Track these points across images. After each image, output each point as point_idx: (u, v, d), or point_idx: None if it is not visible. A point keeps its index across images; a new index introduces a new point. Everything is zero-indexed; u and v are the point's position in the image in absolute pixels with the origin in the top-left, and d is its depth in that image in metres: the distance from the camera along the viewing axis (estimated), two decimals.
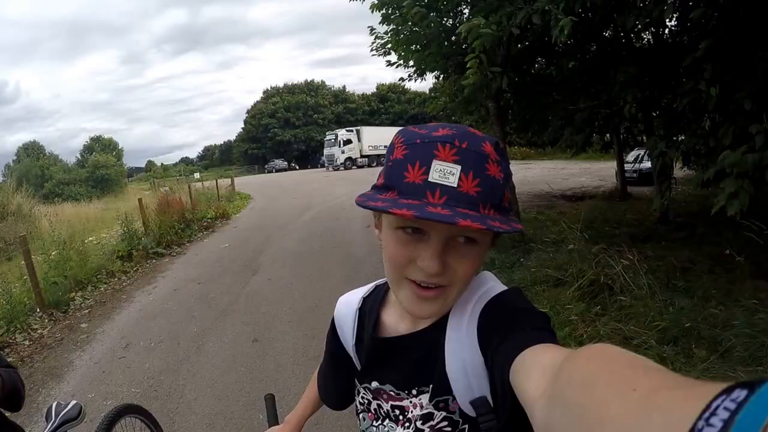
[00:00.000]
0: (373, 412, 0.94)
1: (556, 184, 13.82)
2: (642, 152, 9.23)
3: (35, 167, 38.79)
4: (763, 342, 3.24)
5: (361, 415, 0.97)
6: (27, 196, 18.36)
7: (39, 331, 6.03)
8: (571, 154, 9.47)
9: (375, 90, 63.83)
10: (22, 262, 7.06)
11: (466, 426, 0.82)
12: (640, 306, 4.00)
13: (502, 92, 6.63)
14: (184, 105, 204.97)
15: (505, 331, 0.72)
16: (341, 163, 39.35)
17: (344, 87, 66.17)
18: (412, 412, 0.87)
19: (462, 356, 0.80)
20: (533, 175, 17.75)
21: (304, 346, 4.72)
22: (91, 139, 54.25)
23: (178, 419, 3.69)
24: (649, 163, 10.32)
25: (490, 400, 0.78)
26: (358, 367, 0.97)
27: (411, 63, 8.05)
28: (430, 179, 0.69)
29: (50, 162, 46.14)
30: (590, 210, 8.56)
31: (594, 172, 18.89)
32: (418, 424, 0.85)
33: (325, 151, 42.16)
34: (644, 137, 9.20)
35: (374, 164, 39.59)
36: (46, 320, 6.43)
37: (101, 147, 50.93)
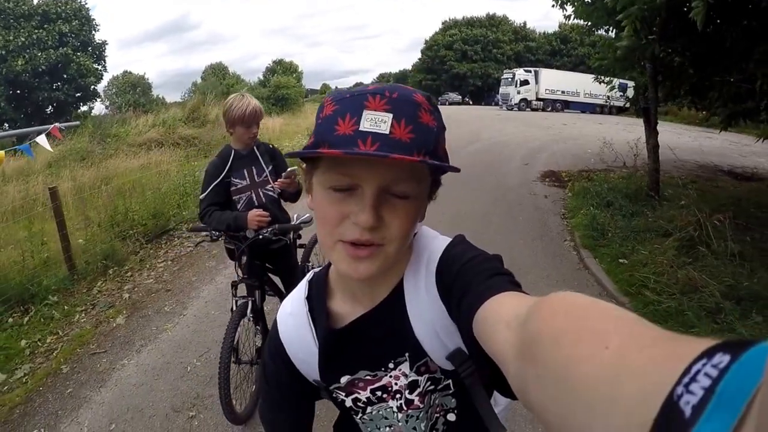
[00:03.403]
0: (352, 404, 0.93)
1: (729, 159, 13.16)
2: None
3: (221, 86, 43.20)
4: None
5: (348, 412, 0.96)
6: (220, 109, 21.61)
7: None
8: (720, 128, 8.99)
9: (557, 29, 60.53)
10: None
11: (450, 381, 0.86)
12: (720, 264, 4.57)
13: (656, 57, 6.73)
14: (361, 32, 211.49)
15: (464, 282, 0.73)
16: (515, 104, 38.62)
17: (525, 23, 63.66)
18: (396, 384, 0.88)
19: (428, 317, 0.81)
20: (710, 145, 16.67)
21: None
22: (274, 61, 58.02)
23: None
24: None
25: (465, 350, 0.80)
26: (316, 376, 0.92)
27: (587, 16, 7.94)
28: (361, 128, 0.69)
29: (233, 81, 50.66)
30: (750, 191, 8.52)
31: None
32: (407, 394, 0.87)
33: (501, 90, 41.54)
34: None
35: (549, 108, 38.50)
36: None
37: (282, 69, 54.20)
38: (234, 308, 3.09)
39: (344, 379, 0.90)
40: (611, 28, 7.74)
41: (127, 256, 6.10)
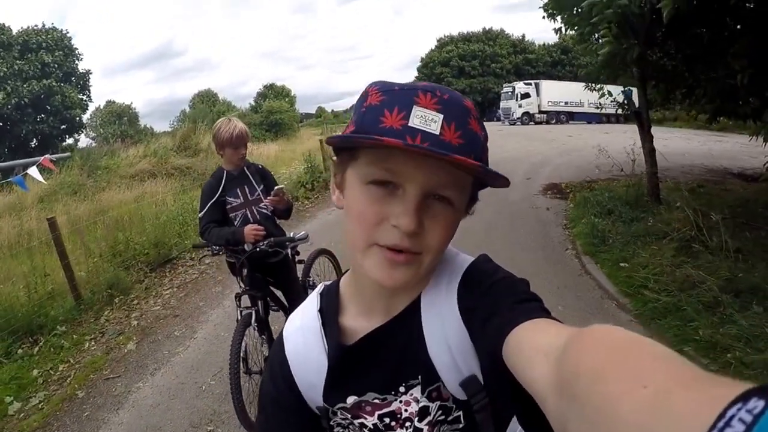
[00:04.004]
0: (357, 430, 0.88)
1: (739, 162, 13.46)
2: None
3: (211, 113, 43.73)
4: None
5: None
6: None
7: None
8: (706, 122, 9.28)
9: (558, 40, 61.26)
10: None
11: (460, 412, 0.83)
12: (717, 260, 4.93)
13: (640, 60, 7.11)
14: (354, 52, 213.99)
15: (492, 302, 0.74)
16: (518, 118, 39.12)
17: (524, 36, 64.38)
18: (406, 411, 0.85)
19: (445, 336, 0.80)
20: (721, 149, 17.04)
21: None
22: (265, 86, 58.71)
23: None
24: None
25: (480, 378, 0.79)
26: (320, 400, 0.88)
27: (574, 26, 8.37)
28: (410, 124, 0.68)
29: (224, 108, 50.30)
30: (758, 191, 8.80)
31: None
32: (416, 422, 0.84)
33: (501, 104, 41.97)
34: None
35: (553, 121, 38.91)
36: None
37: (274, 94, 54.99)
38: (239, 318, 3.47)
39: (351, 400, 0.86)
40: (598, 37, 8.20)
41: (131, 285, 6.49)
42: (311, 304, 0.93)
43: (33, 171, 6.84)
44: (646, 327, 4.42)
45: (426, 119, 0.68)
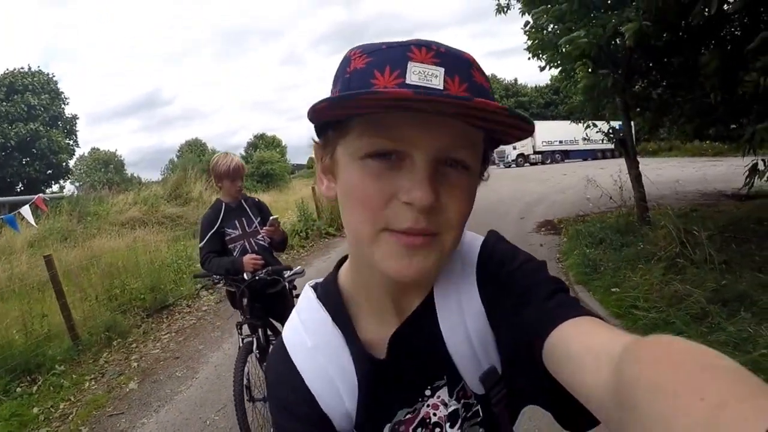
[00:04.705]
0: None
1: (733, 183, 13.78)
2: None
3: (199, 162, 44.37)
4: None
5: None
6: (205, 186, 21.11)
7: None
8: (686, 142, 9.73)
9: (549, 81, 62.98)
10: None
11: (479, 406, 0.80)
12: (702, 273, 5.29)
13: (619, 90, 7.60)
14: None
15: (518, 293, 0.71)
16: (513, 160, 40.30)
17: (516, 80, 66.34)
18: (435, 414, 0.80)
19: (464, 328, 0.76)
20: (716, 172, 17.41)
21: None
22: (255, 136, 59.81)
23: None
24: None
25: (499, 368, 0.77)
26: (351, 422, 0.78)
27: (557, 64, 9.01)
28: (408, 82, 0.60)
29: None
30: (752, 209, 9.04)
31: None
32: (448, 428, 0.80)
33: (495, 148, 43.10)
34: None
35: (548, 161, 40.12)
36: None
37: (265, 144, 55.81)
38: (240, 345, 3.72)
39: (387, 430, 0.79)
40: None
41: (129, 328, 6.75)
42: (316, 316, 0.82)
43: (25, 211, 6.89)
44: None
45: (425, 74, 0.61)
